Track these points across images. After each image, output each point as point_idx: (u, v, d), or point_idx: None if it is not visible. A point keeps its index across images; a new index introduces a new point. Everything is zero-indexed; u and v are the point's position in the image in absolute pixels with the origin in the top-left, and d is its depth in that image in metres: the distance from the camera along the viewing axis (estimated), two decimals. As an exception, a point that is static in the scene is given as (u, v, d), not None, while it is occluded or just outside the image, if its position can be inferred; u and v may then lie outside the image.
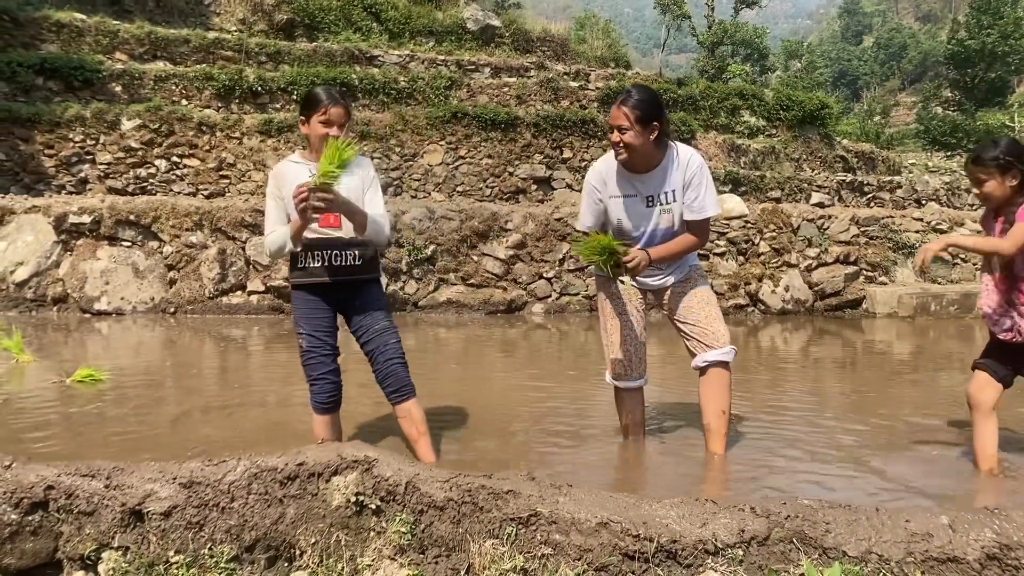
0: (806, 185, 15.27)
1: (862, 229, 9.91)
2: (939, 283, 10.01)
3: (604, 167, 3.74)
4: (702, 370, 3.80)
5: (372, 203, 3.60)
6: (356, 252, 3.59)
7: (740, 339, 8.03)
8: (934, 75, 62.96)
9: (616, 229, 3.76)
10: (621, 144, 3.54)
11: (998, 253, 3.41)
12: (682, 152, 3.69)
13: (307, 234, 3.49)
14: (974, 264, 10.19)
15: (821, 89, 42.09)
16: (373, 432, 4.22)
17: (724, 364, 3.76)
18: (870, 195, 15.76)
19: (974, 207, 15.39)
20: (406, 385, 3.63)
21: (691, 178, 3.63)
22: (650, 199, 3.67)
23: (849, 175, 16.44)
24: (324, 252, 3.55)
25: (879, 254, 9.85)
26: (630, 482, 3.71)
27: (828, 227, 9.80)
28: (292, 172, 3.52)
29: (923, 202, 14.96)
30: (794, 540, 2.47)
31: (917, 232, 10.14)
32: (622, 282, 3.72)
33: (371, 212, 3.53)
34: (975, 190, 3.56)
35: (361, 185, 3.58)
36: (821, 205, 12.24)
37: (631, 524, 2.53)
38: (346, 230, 3.53)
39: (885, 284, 9.78)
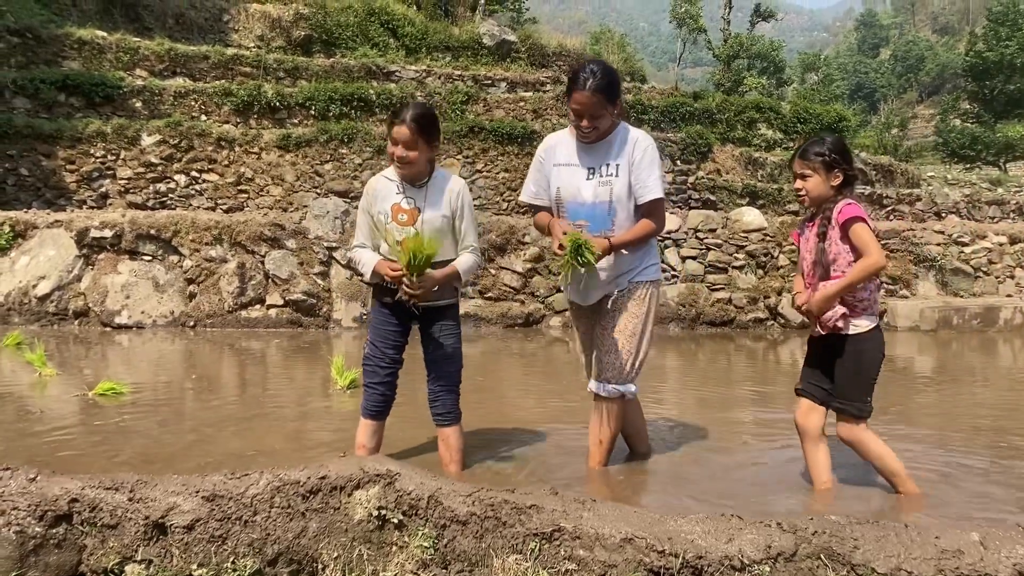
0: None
1: (883, 242, 9.83)
2: (961, 296, 9.91)
3: (555, 138, 3.81)
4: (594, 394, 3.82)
5: (465, 236, 3.68)
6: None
7: (759, 353, 7.98)
8: (952, 87, 62.68)
9: (554, 199, 3.75)
10: (590, 128, 3.57)
11: (878, 269, 3.29)
12: (630, 128, 3.73)
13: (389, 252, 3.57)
14: (996, 277, 10.09)
15: (838, 102, 41.96)
16: (407, 447, 4.20)
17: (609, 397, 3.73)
18: (889, 208, 15.65)
19: (995, 219, 15.27)
20: (451, 412, 3.75)
21: (639, 158, 3.63)
22: (591, 170, 3.67)
23: (868, 188, 16.34)
24: None
25: (900, 267, 9.77)
26: (661, 494, 3.68)
27: (848, 240, 9.73)
28: (383, 189, 3.62)
29: (943, 215, 14.84)
30: (821, 556, 2.44)
31: (939, 245, 10.04)
32: (583, 268, 3.50)
33: (463, 249, 3.66)
34: (796, 185, 3.50)
35: (445, 216, 3.61)
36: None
37: (656, 540, 2.50)
38: (426, 228, 3.59)
39: (907, 297, 9.69)
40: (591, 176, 3.65)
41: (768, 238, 9.62)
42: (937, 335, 9.05)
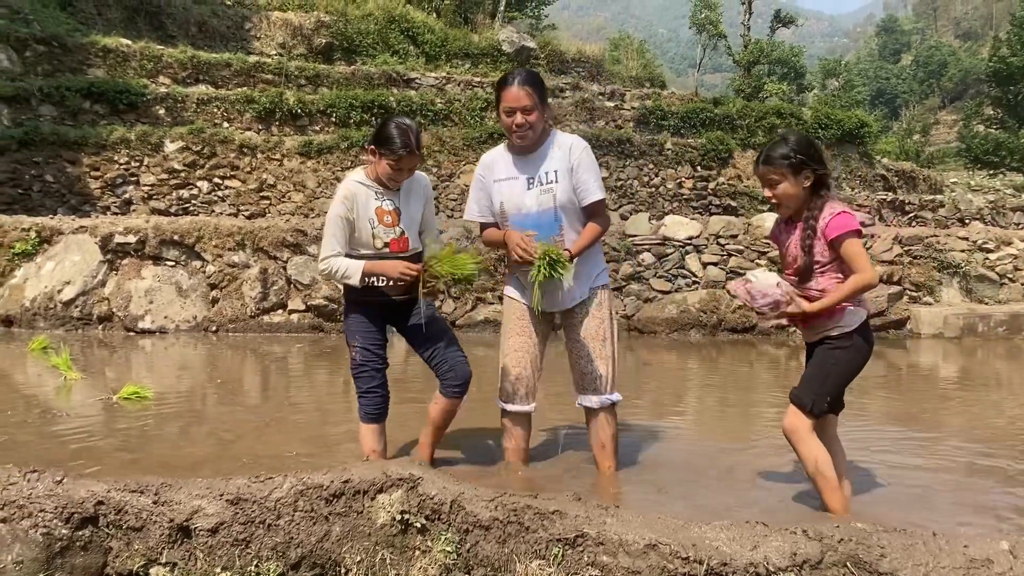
0: (846, 204, 15.07)
1: (905, 248, 9.74)
2: (986, 303, 9.80)
3: (491, 156, 3.84)
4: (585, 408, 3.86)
5: (430, 223, 3.87)
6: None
7: (781, 361, 7.93)
8: (975, 93, 62.11)
9: (499, 214, 3.78)
10: (526, 126, 3.59)
11: (869, 286, 3.16)
12: (560, 135, 3.78)
13: (375, 256, 3.64)
14: (1022, 284, 9.96)
15: (859, 108, 41.66)
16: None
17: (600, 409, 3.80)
18: (912, 214, 15.52)
19: (1020, 225, 15.09)
20: (466, 382, 3.82)
21: (576, 162, 3.66)
22: (530, 180, 3.70)
23: (890, 194, 16.22)
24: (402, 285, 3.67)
25: (923, 274, 9.67)
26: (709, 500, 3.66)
27: (870, 246, 9.64)
28: (363, 195, 3.62)
29: (967, 221, 14.69)
30: (848, 564, 2.41)
31: (963, 251, 9.93)
32: (559, 279, 3.53)
33: (427, 236, 3.82)
34: (767, 193, 3.31)
35: (420, 210, 3.78)
36: (862, 225, 12.05)
37: (680, 546, 2.49)
38: (412, 250, 3.70)
39: (930, 304, 9.59)
40: (531, 186, 3.69)
41: (790, 244, 9.56)
42: (962, 342, 8.95)
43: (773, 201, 3.30)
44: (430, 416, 3.86)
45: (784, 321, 3.42)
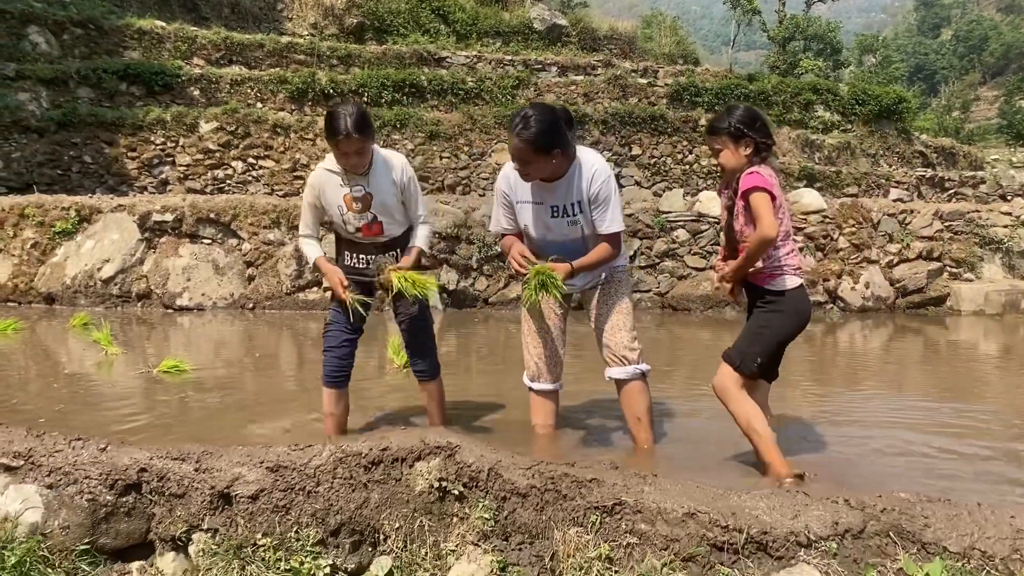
0: (884, 181, 14.84)
1: (946, 224, 9.56)
2: (1029, 280, 9.60)
3: (512, 171, 3.68)
4: (616, 381, 3.84)
5: (412, 210, 3.82)
6: (396, 252, 3.83)
7: (818, 337, 7.84)
8: (1017, 68, 60.63)
9: (526, 235, 3.79)
10: (526, 174, 3.55)
11: (767, 241, 3.18)
12: (586, 163, 3.61)
13: (351, 238, 3.77)
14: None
15: (897, 84, 40.88)
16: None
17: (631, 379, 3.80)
18: (952, 191, 15.23)
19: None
20: (435, 367, 3.98)
21: (595, 192, 3.58)
22: (555, 209, 3.64)
23: (929, 170, 15.91)
24: (367, 256, 3.81)
25: (964, 250, 9.48)
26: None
27: (910, 222, 9.48)
28: (328, 182, 3.66)
29: (1008, 197, 14.36)
30: (891, 534, 2.38)
31: (1005, 227, 9.72)
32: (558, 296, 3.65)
33: (416, 220, 3.83)
34: (713, 161, 3.45)
35: (395, 194, 3.73)
36: (900, 201, 11.84)
37: (719, 515, 2.47)
38: (387, 235, 3.76)
39: (971, 281, 9.41)
40: (556, 214, 3.66)
41: (827, 220, 9.42)
42: (1003, 319, 8.78)
43: (720, 168, 3.45)
44: (429, 410, 4.09)
45: (722, 286, 3.59)
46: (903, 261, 9.33)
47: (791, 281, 3.37)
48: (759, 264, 3.35)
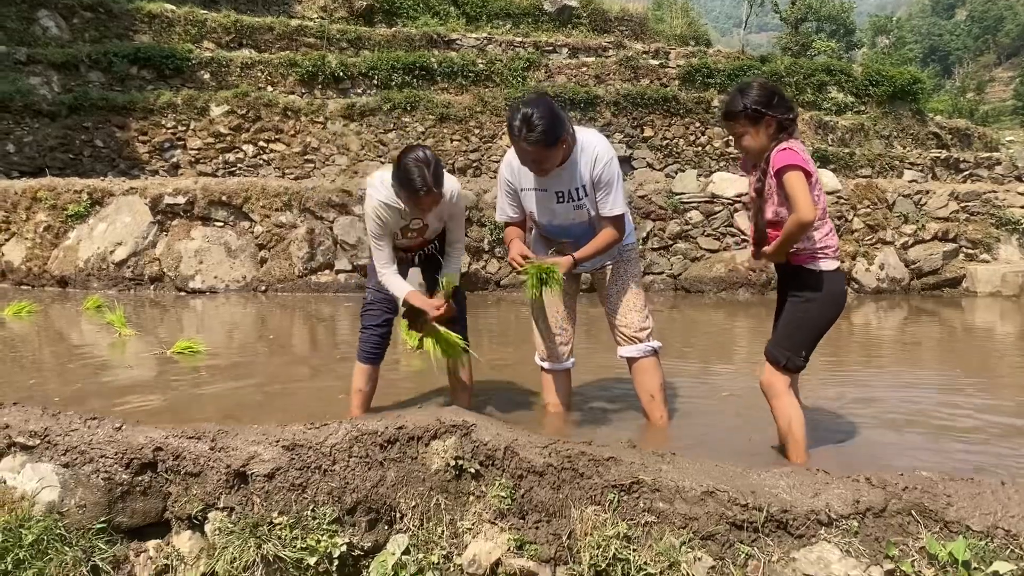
0: (898, 162, 14.69)
1: (962, 205, 9.45)
2: (1045, 261, 9.50)
3: (515, 158, 3.60)
4: (627, 359, 3.83)
5: (452, 232, 3.81)
6: (435, 245, 3.89)
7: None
8: (1033, 48, 59.89)
9: (532, 220, 3.77)
10: (541, 170, 3.47)
11: (805, 224, 2.97)
12: (588, 145, 3.51)
13: (399, 244, 3.78)
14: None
15: (911, 65, 40.46)
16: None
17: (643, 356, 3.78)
18: (967, 172, 15.07)
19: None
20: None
21: (598, 175, 3.50)
22: (560, 195, 3.59)
23: (943, 152, 15.74)
24: (413, 254, 3.91)
25: (980, 231, 9.39)
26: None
27: (925, 203, 9.39)
28: (392, 216, 3.60)
29: (1024, 178, 14.22)
30: (913, 512, 2.35)
31: (1022, 208, 9.61)
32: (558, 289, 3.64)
33: (449, 241, 3.83)
34: (735, 147, 3.24)
35: (444, 219, 3.75)
36: (915, 182, 11.73)
37: (739, 493, 2.45)
38: (429, 235, 3.80)
39: (987, 262, 9.32)
40: (561, 199, 3.61)
41: (842, 200, 9.35)
42: (1020, 300, 8.69)
43: (742, 152, 3.25)
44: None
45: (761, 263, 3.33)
46: (918, 242, 9.25)
47: (828, 264, 3.17)
48: (797, 246, 3.15)
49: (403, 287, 3.66)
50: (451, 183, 3.63)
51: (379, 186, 3.57)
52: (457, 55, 14.97)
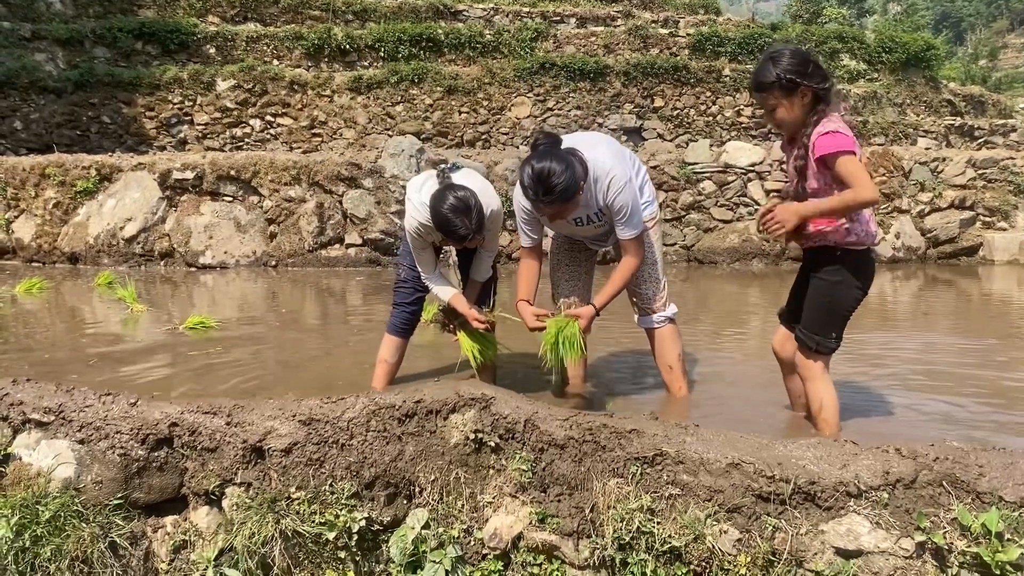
0: (911, 130, 14.50)
1: (979, 172, 9.33)
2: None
3: (527, 200, 3.43)
4: (646, 329, 3.81)
5: (489, 244, 3.72)
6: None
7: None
8: (1048, 13, 59.00)
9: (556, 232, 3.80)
10: (563, 218, 3.41)
11: (866, 202, 2.81)
12: (600, 171, 3.35)
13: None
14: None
15: (923, 32, 39.86)
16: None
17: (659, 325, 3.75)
18: (981, 139, 14.86)
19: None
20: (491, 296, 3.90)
21: (612, 201, 3.37)
22: (578, 220, 3.52)
23: (958, 119, 15.53)
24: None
25: (998, 198, 9.26)
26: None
27: (942, 170, 9.26)
28: (434, 235, 3.52)
29: (1041, 145, 14.03)
30: (944, 483, 2.30)
31: (1040, 174, 9.49)
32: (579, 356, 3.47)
33: (484, 251, 3.74)
34: (766, 121, 3.00)
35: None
36: (932, 149, 11.57)
37: (765, 465, 2.40)
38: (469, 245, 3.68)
39: (1005, 230, 9.21)
40: (580, 224, 3.55)
41: (856, 170, 9.22)
42: (1037, 269, 8.61)
43: (775, 126, 3.05)
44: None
45: (778, 230, 2.97)
46: (935, 210, 9.14)
47: (859, 244, 3.02)
48: (840, 221, 2.97)
49: (448, 291, 3.67)
50: (490, 201, 3.48)
51: (420, 207, 3.46)
52: (464, 26, 14.79)
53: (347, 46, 13.88)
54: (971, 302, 7.27)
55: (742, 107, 13.89)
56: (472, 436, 2.67)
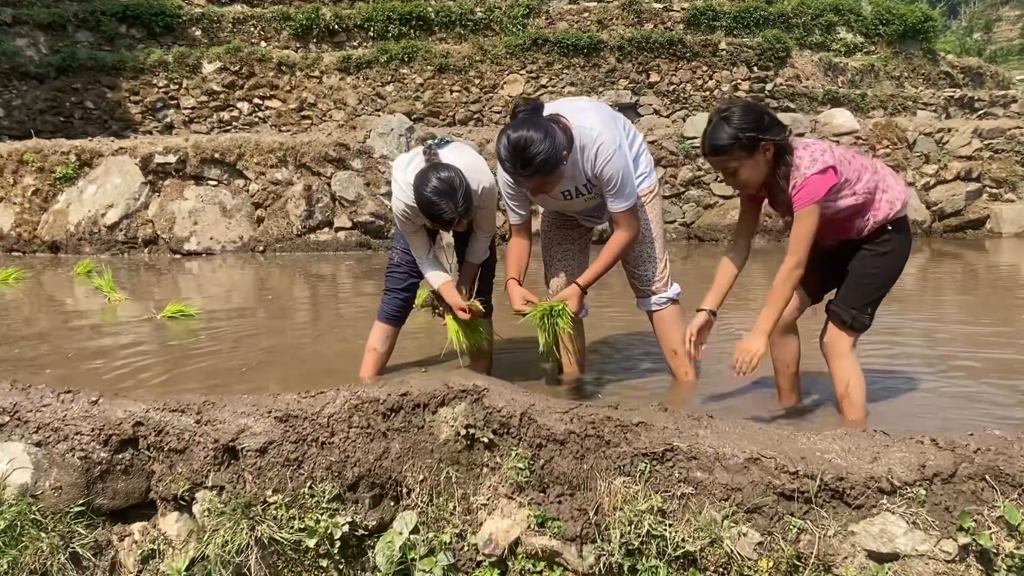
0: (910, 103, 14.26)
1: (986, 142, 9.07)
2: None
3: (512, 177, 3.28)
4: (647, 312, 3.61)
5: (483, 222, 3.46)
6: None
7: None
8: (1044, -16, 58.47)
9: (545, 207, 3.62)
10: (546, 192, 3.20)
11: (789, 269, 2.73)
12: (587, 139, 3.12)
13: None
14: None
15: (920, 3, 39.44)
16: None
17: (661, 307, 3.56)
18: (981, 111, 14.60)
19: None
20: (490, 306, 3.71)
21: (600, 171, 3.13)
22: (566, 193, 3.29)
23: (957, 91, 15.28)
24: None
25: (1005, 169, 9.01)
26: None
27: (947, 141, 9.02)
28: (422, 218, 3.27)
29: (1043, 115, 13.78)
30: (986, 477, 2.08)
31: (1048, 144, 9.23)
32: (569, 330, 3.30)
33: (478, 230, 3.48)
34: (727, 183, 2.84)
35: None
36: (935, 121, 11.32)
37: (787, 459, 2.17)
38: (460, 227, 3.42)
39: (1012, 201, 8.97)
40: (568, 197, 3.32)
41: (860, 141, 8.98)
42: (1046, 241, 8.39)
43: (739, 187, 2.85)
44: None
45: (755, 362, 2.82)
46: (940, 182, 8.91)
47: (902, 207, 2.89)
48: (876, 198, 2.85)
49: (439, 277, 3.44)
50: (481, 178, 3.25)
51: (406, 187, 3.22)
52: (454, 3, 14.45)
53: (335, 26, 13.57)
54: (977, 276, 7.05)
55: (739, 81, 13.63)
56: (463, 431, 2.44)
